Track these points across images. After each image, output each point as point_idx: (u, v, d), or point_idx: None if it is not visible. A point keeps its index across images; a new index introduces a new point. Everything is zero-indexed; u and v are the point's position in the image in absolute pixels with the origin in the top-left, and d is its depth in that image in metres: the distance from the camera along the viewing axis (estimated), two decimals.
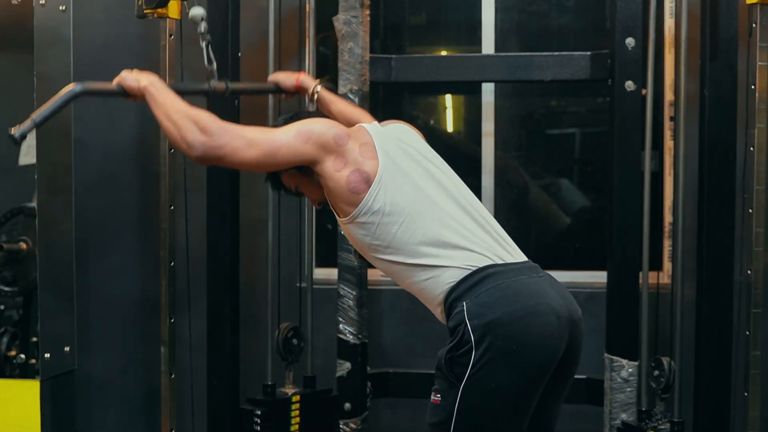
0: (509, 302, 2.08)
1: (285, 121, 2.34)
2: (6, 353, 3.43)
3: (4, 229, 3.49)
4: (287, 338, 3.52)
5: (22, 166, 3.52)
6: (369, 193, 2.16)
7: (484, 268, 2.13)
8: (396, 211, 2.16)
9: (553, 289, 2.17)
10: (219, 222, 3.48)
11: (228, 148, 2.11)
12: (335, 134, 2.18)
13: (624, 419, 3.29)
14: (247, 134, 2.14)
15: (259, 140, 2.14)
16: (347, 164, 2.17)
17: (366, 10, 3.52)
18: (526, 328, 2.05)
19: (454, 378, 2.08)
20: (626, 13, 3.26)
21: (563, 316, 2.12)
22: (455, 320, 2.10)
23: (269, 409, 3.41)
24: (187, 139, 2.11)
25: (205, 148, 2.10)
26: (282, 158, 2.16)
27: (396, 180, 2.18)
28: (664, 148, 3.81)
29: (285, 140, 2.15)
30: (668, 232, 3.76)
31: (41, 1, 3.28)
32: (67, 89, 2.32)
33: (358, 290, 3.55)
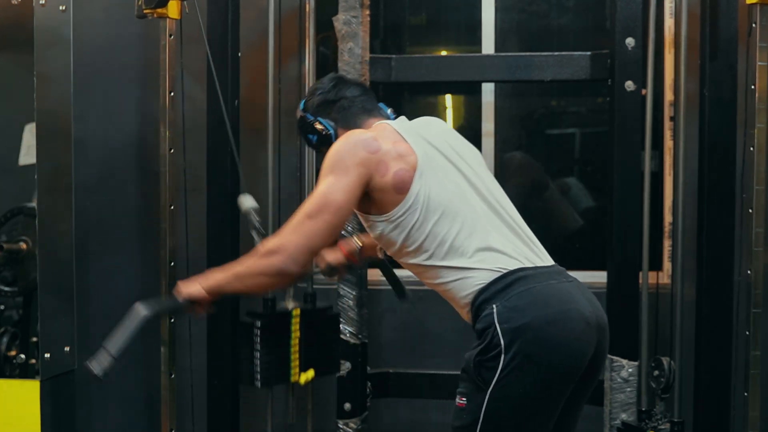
0: (540, 307, 2.06)
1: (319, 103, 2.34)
2: (6, 353, 3.42)
3: (4, 229, 3.49)
4: None
5: (22, 166, 3.52)
6: (411, 189, 2.13)
7: (515, 271, 2.11)
8: (432, 207, 2.13)
9: (582, 295, 2.16)
10: (219, 222, 3.48)
11: (303, 239, 2.09)
12: (364, 145, 2.15)
13: (624, 419, 3.29)
14: (304, 213, 2.11)
15: (316, 208, 2.11)
16: (390, 166, 2.14)
17: (366, 10, 3.52)
18: (556, 334, 2.04)
19: (481, 382, 2.06)
20: (626, 13, 3.26)
21: (592, 323, 2.11)
22: (484, 323, 2.08)
23: (269, 321, 3.38)
24: (276, 271, 2.10)
25: (290, 260, 2.09)
26: (346, 202, 2.12)
27: (433, 176, 2.15)
28: (664, 148, 3.81)
29: (333, 187, 2.11)
30: (668, 232, 3.76)
31: (41, 1, 3.28)
32: (135, 315, 2.24)
33: (358, 290, 3.55)
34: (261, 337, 3.33)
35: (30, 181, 3.36)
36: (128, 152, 4.03)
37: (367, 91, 2.42)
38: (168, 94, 3.24)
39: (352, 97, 2.36)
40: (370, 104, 2.38)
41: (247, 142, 3.66)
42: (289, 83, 3.73)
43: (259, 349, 3.33)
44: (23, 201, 3.50)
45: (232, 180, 3.48)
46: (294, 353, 3.43)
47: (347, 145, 2.16)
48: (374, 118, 2.35)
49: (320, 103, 2.36)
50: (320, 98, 2.37)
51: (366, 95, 2.39)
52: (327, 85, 2.38)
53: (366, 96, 2.39)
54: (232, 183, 3.49)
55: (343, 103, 2.35)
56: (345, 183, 2.11)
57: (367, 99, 2.38)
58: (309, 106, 2.38)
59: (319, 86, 2.40)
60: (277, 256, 2.09)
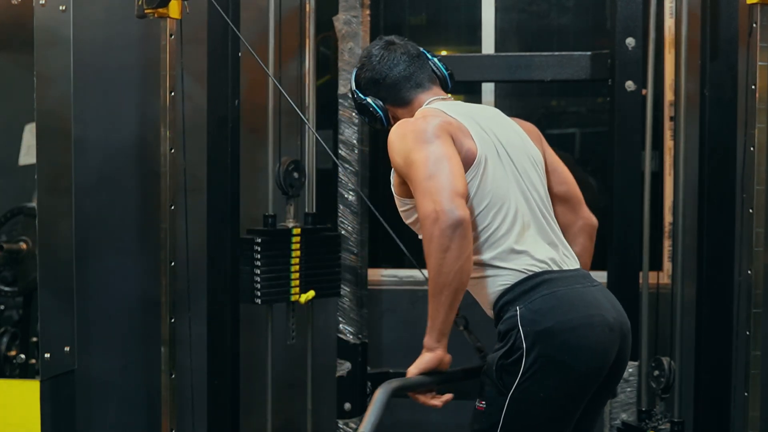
0: (564, 311, 2.04)
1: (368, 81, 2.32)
2: (6, 353, 3.42)
3: (4, 229, 3.49)
4: (288, 171, 3.45)
5: (22, 166, 3.52)
6: (470, 171, 2.09)
7: (540, 273, 2.09)
8: (481, 195, 2.11)
9: (606, 301, 2.14)
10: (219, 222, 3.48)
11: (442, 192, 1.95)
12: (435, 118, 2.11)
13: (624, 419, 3.29)
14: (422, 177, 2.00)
15: (430, 169, 2.00)
16: (462, 141, 2.10)
17: (366, 10, 3.52)
18: (578, 340, 2.02)
19: (502, 385, 2.05)
20: (626, 13, 3.26)
21: (615, 329, 2.10)
22: (507, 324, 2.06)
23: (269, 238, 3.36)
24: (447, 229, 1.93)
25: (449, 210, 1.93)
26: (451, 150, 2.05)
27: (489, 162, 2.13)
28: (664, 148, 3.81)
29: (430, 149, 2.03)
30: (668, 232, 3.76)
31: (41, 1, 3.28)
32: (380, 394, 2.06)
33: (358, 290, 3.55)
34: (261, 254, 3.31)
35: (30, 181, 3.36)
36: (128, 152, 4.03)
37: (413, 59, 2.34)
38: (168, 94, 3.24)
39: (397, 74, 2.31)
40: (418, 76, 2.32)
41: (247, 142, 3.66)
42: (289, 83, 3.73)
43: (259, 266, 3.31)
44: (23, 201, 3.50)
45: (232, 180, 3.48)
46: (294, 272, 3.40)
47: (413, 125, 2.12)
48: (424, 92, 2.32)
49: (368, 80, 2.34)
50: (368, 75, 2.34)
51: (414, 65, 2.33)
52: (374, 59, 2.34)
53: (414, 66, 2.33)
54: (232, 183, 3.49)
55: (389, 81, 2.32)
56: (438, 143, 2.04)
57: (414, 70, 2.32)
58: (359, 81, 2.36)
59: (366, 61, 2.36)
60: (437, 221, 1.93)
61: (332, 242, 3.52)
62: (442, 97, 2.35)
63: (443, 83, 2.40)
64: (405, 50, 2.36)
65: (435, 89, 2.35)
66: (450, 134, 2.09)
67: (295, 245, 3.41)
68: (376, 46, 2.37)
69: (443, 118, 2.14)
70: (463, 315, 2.28)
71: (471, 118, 2.19)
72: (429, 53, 2.42)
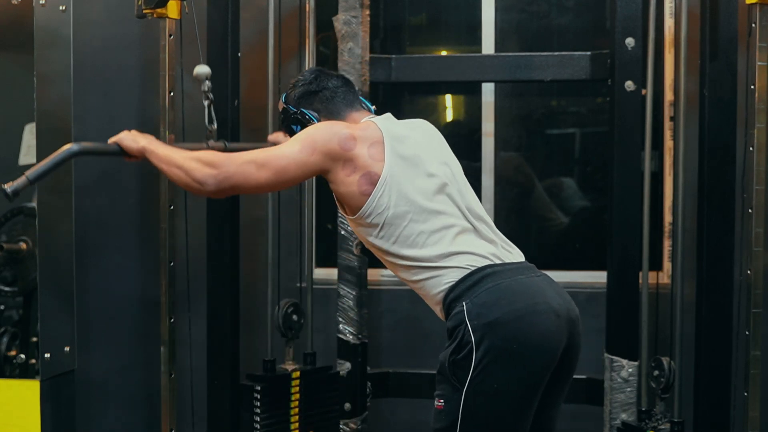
0: (509, 302, 2.08)
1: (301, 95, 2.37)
2: (6, 353, 3.42)
3: (4, 229, 3.49)
4: (287, 314, 3.50)
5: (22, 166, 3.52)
6: (373, 194, 2.16)
7: (483, 268, 2.14)
8: (399, 213, 2.17)
9: (551, 289, 2.18)
10: (219, 222, 3.48)
11: (239, 175, 2.14)
12: (340, 140, 2.17)
13: (624, 419, 3.29)
14: (254, 157, 2.16)
15: (267, 161, 2.15)
16: (357, 168, 2.17)
17: (366, 10, 3.52)
18: (526, 328, 2.06)
19: (456, 381, 2.08)
20: (626, 13, 3.26)
21: (562, 315, 2.12)
22: (454, 320, 2.11)
23: (269, 384, 3.39)
24: (197, 178, 2.15)
25: (217, 181, 2.14)
26: (293, 174, 2.17)
27: (400, 181, 2.18)
28: (664, 148, 3.81)
29: (292, 156, 2.16)
30: (668, 232, 3.76)
31: (41, 1, 3.28)
32: (64, 149, 2.30)
33: (358, 290, 3.55)
34: (261, 401, 3.36)
35: None
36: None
37: (347, 83, 2.43)
38: (168, 94, 3.24)
39: (333, 88, 2.38)
40: (351, 96, 2.40)
41: (247, 141, 3.66)
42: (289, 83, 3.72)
43: (259, 413, 3.36)
44: (23, 201, 3.50)
45: None
46: (294, 416, 3.45)
47: (327, 131, 2.20)
48: (356, 111, 2.38)
49: (302, 94, 2.39)
50: (302, 89, 2.39)
51: (347, 87, 2.42)
52: (308, 77, 2.41)
53: (347, 88, 2.41)
54: None
55: (325, 94, 2.37)
56: (304, 159, 2.16)
57: (348, 91, 2.41)
58: (291, 98, 2.41)
59: (300, 78, 2.43)
60: (210, 170, 2.13)
61: (331, 381, 3.54)
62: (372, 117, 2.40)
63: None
64: (338, 75, 2.47)
65: (365, 111, 2.41)
66: (336, 161, 2.17)
67: (295, 389, 3.45)
68: (309, 71, 2.47)
69: (356, 141, 2.19)
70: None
71: (397, 135, 2.24)
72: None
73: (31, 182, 2.24)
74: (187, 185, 2.19)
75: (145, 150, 2.30)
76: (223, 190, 2.16)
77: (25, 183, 2.23)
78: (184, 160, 2.19)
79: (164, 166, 2.25)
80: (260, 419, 3.35)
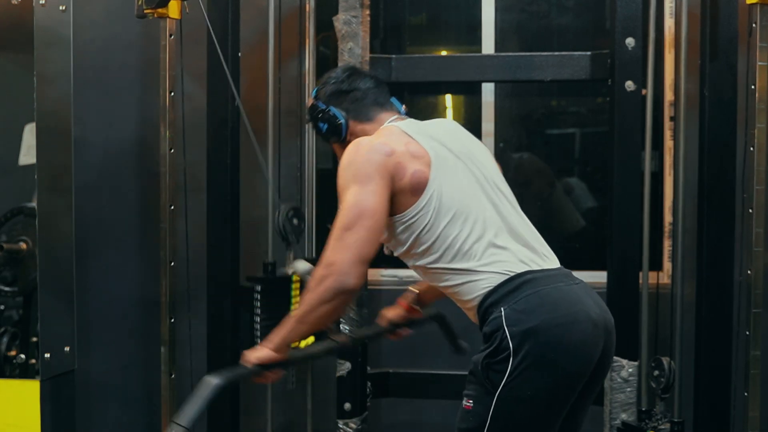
0: (548, 309, 2.06)
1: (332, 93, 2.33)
2: (6, 353, 3.42)
3: (4, 229, 3.49)
4: (288, 218, 3.44)
5: (22, 166, 3.52)
6: (426, 191, 2.13)
7: (522, 274, 2.11)
8: (444, 209, 2.13)
9: (589, 297, 2.16)
10: (219, 222, 3.48)
11: (350, 253, 2.04)
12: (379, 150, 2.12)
13: (624, 419, 3.29)
14: (340, 228, 2.07)
15: (350, 219, 2.07)
16: (406, 168, 2.13)
17: (366, 10, 3.52)
18: (564, 337, 2.04)
19: (490, 385, 2.06)
20: (626, 13, 3.26)
21: (599, 325, 2.11)
22: (492, 326, 2.08)
23: (269, 286, 3.37)
24: (334, 293, 2.04)
25: (345, 275, 2.03)
26: (379, 205, 2.08)
27: (446, 177, 2.15)
28: (664, 148, 3.81)
29: (360, 195, 2.08)
30: (668, 232, 3.76)
31: (41, 1, 3.28)
32: (209, 386, 2.13)
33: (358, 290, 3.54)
34: (261, 302, 3.32)
35: (30, 181, 3.36)
36: (128, 152, 4.03)
37: (380, 84, 2.39)
38: (168, 94, 3.24)
39: (365, 89, 2.34)
40: (382, 98, 2.36)
41: (247, 142, 3.66)
42: (289, 83, 3.73)
43: (259, 313, 3.32)
44: (23, 201, 3.50)
45: (232, 180, 3.48)
46: None
47: (360, 155, 2.14)
48: (386, 112, 2.34)
49: (333, 92, 2.35)
50: (333, 87, 2.35)
51: (379, 88, 2.37)
52: (341, 75, 2.37)
53: (379, 89, 2.37)
54: (232, 183, 3.49)
55: (356, 94, 2.33)
56: (372, 188, 2.08)
57: (380, 92, 2.36)
58: (321, 94, 2.37)
59: (333, 75, 2.38)
60: (330, 278, 2.04)
61: None
62: (401, 118, 2.37)
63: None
64: (371, 75, 2.43)
65: (394, 112, 2.38)
66: (390, 171, 2.11)
67: (295, 291, 3.43)
68: (341, 68, 2.42)
69: (392, 147, 2.14)
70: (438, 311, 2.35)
71: (428, 136, 2.21)
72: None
73: (188, 429, 2.09)
74: (335, 309, 2.08)
75: (275, 346, 2.14)
76: (359, 274, 2.04)
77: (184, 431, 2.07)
78: (306, 303, 2.07)
79: (302, 327, 2.11)
80: (260, 320, 3.31)
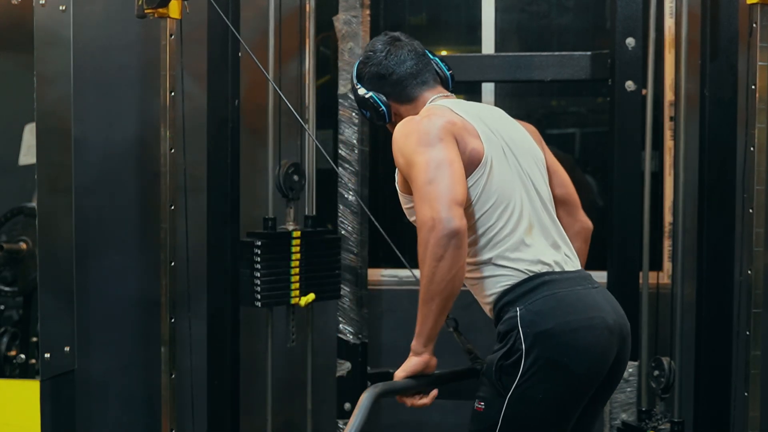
0: (564, 313, 2.04)
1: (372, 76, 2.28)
2: (6, 353, 3.42)
3: (4, 229, 3.49)
4: (288, 174, 3.45)
5: (22, 166, 3.52)
6: (477, 170, 2.08)
7: (541, 274, 2.09)
8: (487, 194, 2.09)
9: (607, 303, 2.14)
10: (219, 222, 3.48)
11: (441, 199, 1.94)
12: (440, 118, 2.08)
13: (624, 419, 3.29)
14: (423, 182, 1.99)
15: (431, 173, 1.98)
16: (466, 140, 2.08)
17: (366, 10, 3.52)
18: (578, 342, 2.02)
19: (501, 387, 2.05)
20: (626, 13, 3.26)
21: (615, 332, 2.09)
22: (507, 325, 2.06)
23: (269, 241, 3.36)
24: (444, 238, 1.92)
25: (447, 219, 1.93)
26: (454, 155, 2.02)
27: (495, 161, 2.11)
28: (664, 148, 3.81)
29: (433, 153, 2.01)
30: (668, 232, 3.76)
31: (41, 1, 3.28)
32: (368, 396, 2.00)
33: (358, 290, 3.55)
34: (261, 257, 3.31)
35: (30, 181, 3.36)
36: (128, 152, 4.03)
37: (419, 58, 2.31)
38: (168, 94, 3.24)
39: (404, 71, 2.28)
40: (424, 75, 2.30)
41: (247, 142, 3.66)
42: (289, 83, 3.73)
43: (259, 269, 3.31)
44: (23, 201, 3.50)
45: (232, 180, 3.48)
46: (294, 275, 3.39)
47: (421, 124, 2.09)
48: (429, 90, 2.30)
49: (373, 75, 2.30)
50: (373, 70, 2.30)
51: (419, 63, 2.30)
52: (379, 54, 2.30)
53: (419, 65, 2.30)
54: (232, 183, 3.49)
55: (394, 78, 2.28)
56: (442, 146, 2.02)
57: (420, 69, 2.30)
58: (362, 75, 2.32)
59: (371, 55, 2.32)
60: (433, 229, 1.92)
61: (332, 244, 3.51)
62: (446, 95, 2.33)
63: (444, 83, 2.39)
64: (411, 47, 2.33)
65: (439, 87, 2.33)
66: (454, 135, 2.07)
67: (295, 248, 3.41)
68: (381, 41, 2.34)
69: (448, 117, 2.11)
70: (453, 317, 2.25)
71: (478, 117, 2.17)
72: (430, 53, 2.40)
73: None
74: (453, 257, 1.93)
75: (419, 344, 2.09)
76: (459, 215, 1.94)
77: None
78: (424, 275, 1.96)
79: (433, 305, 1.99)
80: (260, 275, 3.31)
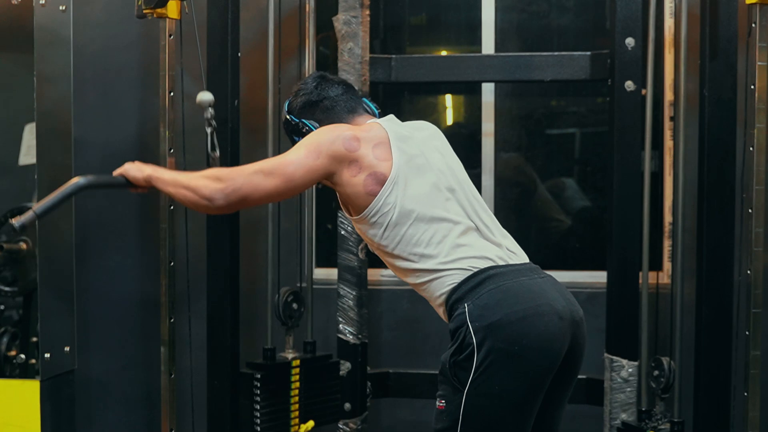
0: (510, 303, 2.08)
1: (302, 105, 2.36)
2: (6, 353, 3.43)
3: (4, 229, 3.49)
4: (287, 302, 3.51)
5: (22, 166, 3.52)
6: (381, 193, 2.17)
7: (485, 269, 2.14)
8: (405, 211, 2.17)
9: (554, 290, 2.17)
10: (219, 222, 3.48)
11: (247, 186, 2.15)
12: (344, 142, 2.18)
13: (624, 419, 3.29)
14: (261, 167, 2.17)
15: (274, 169, 2.17)
16: (362, 168, 2.18)
17: (366, 10, 3.52)
18: (527, 330, 2.05)
19: (457, 383, 2.08)
20: (626, 13, 3.26)
21: (565, 317, 2.11)
22: (456, 322, 2.10)
23: (269, 372, 3.39)
24: (206, 194, 2.16)
25: (225, 194, 2.15)
26: (301, 179, 2.18)
27: (407, 180, 2.19)
28: (664, 148, 3.81)
29: (298, 161, 2.16)
30: (668, 232, 3.76)
31: (41, 1, 3.28)
32: (71, 183, 2.32)
33: (358, 290, 3.55)
34: (261, 389, 3.36)
35: (30, 181, 3.37)
36: (128, 152, 4.02)
37: (349, 89, 2.43)
38: (168, 94, 3.24)
39: (334, 97, 2.37)
40: (353, 103, 2.39)
41: (247, 142, 3.66)
42: (289, 83, 3.73)
43: (258, 401, 3.36)
44: (23, 201, 3.50)
45: None
46: (294, 404, 3.45)
47: (330, 134, 2.20)
48: (358, 116, 2.37)
49: (303, 104, 2.38)
50: (303, 99, 2.39)
51: (348, 94, 2.40)
52: (309, 85, 2.40)
53: (348, 95, 2.40)
54: None
55: (326, 104, 2.36)
56: (310, 164, 2.16)
57: (349, 98, 2.40)
58: (293, 107, 2.40)
59: (302, 87, 2.42)
60: (218, 185, 2.15)
61: (331, 370, 3.54)
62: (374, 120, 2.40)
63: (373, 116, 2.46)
64: (341, 81, 2.45)
65: (368, 116, 2.41)
66: (342, 163, 2.17)
67: (295, 377, 3.45)
68: (311, 77, 2.45)
69: (360, 140, 2.20)
70: None
71: (402, 135, 2.25)
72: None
73: (39, 216, 2.26)
74: (195, 204, 2.20)
75: (151, 177, 2.31)
76: (233, 204, 2.17)
77: (33, 217, 2.26)
78: (190, 180, 2.20)
79: (171, 189, 2.26)
80: (260, 407, 3.34)
